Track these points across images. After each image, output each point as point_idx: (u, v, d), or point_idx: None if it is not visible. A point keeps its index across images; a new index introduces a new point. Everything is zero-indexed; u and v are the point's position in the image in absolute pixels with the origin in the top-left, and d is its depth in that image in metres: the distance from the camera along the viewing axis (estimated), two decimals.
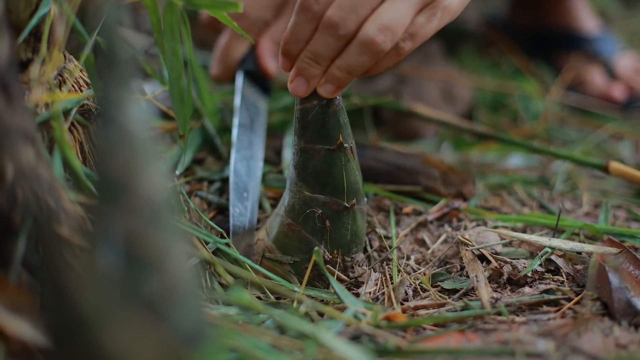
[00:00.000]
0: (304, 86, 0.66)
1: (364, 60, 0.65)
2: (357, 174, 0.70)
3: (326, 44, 0.64)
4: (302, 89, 0.66)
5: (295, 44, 0.66)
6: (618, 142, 1.16)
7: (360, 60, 0.65)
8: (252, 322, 0.56)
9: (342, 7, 0.63)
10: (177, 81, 0.69)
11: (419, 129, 1.12)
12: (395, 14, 0.64)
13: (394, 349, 0.55)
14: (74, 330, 0.36)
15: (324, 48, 0.65)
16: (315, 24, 0.65)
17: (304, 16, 0.65)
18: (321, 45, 0.65)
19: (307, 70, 0.66)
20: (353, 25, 0.64)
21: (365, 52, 0.64)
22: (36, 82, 0.58)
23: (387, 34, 0.63)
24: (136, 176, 0.39)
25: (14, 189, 0.49)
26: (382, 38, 0.63)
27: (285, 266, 0.70)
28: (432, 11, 0.67)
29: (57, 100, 0.60)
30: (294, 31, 0.66)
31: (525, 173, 1.01)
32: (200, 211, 0.74)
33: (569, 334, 0.57)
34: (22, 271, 0.50)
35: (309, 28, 0.65)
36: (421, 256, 0.75)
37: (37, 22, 0.58)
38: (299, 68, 0.66)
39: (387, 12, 0.64)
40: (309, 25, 0.65)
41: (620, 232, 0.76)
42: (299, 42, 0.66)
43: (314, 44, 0.65)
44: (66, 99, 0.61)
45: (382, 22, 0.63)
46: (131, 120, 0.40)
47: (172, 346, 0.36)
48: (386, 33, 0.63)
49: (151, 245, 0.37)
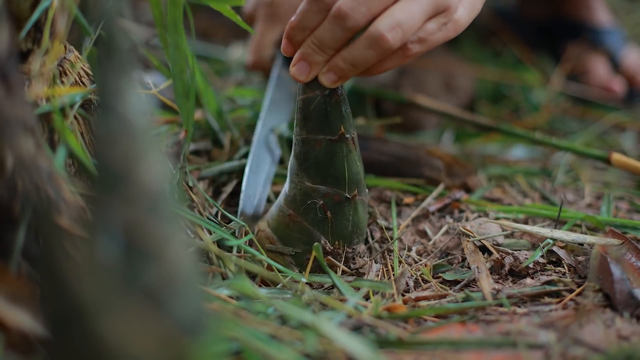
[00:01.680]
0: (306, 71, 0.66)
1: (370, 55, 0.64)
2: (358, 165, 0.70)
3: (332, 33, 0.64)
4: (304, 73, 0.66)
5: (301, 30, 0.66)
6: (620, 133, 1.16)
7: (366, 54, 0.64)
8: (253, 312, 0.56)
9: (355, 0, 0.63)
10: (180, 75, 0.69)
11: (421, 120, 1.12)
12: (408, 14, 0.64)
13: (395, 340, 0.55)
14: (73, 320, 0.36)
15: (329, 37, 0.64)
16: (325, 14, 0.65)
17: (315, 5, 0.65)
18: (327, 34, 0.64)
19: (311, 56, 0.66)
20: (362, 19, 0.63)
21: (373, 47, 0.64)
22: (36, 75, 0.58)
23: (398, 31, 0.63)
24: (136, 166, 0.38)
25: (14, 179, 0.49)
26: (393, 35, 0.63)
27: (287, 257, 0.70)
28: (443, 20, 0.67)
29: (59, 94, 0.59)
30: (302, 18, 0.66)
31: (527, 164, 1.01)
32: (204, 201, 0.74)
33: (571, 325, 0.57)
34: (22, 261, 0.50)
35: (318, 18, 0.65)
36: (422, 247, 0.75)
37: (40, 14, 0.57)
38: (303, 53, 0.66)
39: (400, 11, 0.64)
40: (318, 15, 0.65)
41: (622, 224, 0.76)
42: (305, 29, 0.66)
43: (320, 31, 0.65)
44: (68, 93, 0.61)
45: (394, 20, 0.63)
46: (131, 110, 0.40)
47: (171, 336, 0.36)
48: (397, 30, 0.63)
49: (151, 235, 0.37)
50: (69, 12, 0.61)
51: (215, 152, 0.89)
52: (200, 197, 0.75)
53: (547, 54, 1.36)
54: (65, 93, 0.60)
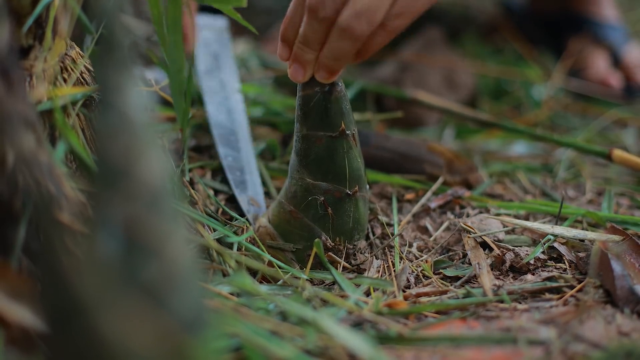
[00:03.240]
0: (301, 72, 0.67)
1: (346, 45, 0.65)
2: (359, 161, 0.70)
3: (312, 28, 0.65)
4: (299, 74, 0.67)
5: (290, 28, 0.68)
6: (622, 129, 1.16)
7: (342, 45, 0.65)
8: (253, 308, 0.56)
9: None
10: (178, 74, 0.69)
11: (422, 117, 1.12)
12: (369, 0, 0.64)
13: (396, 336, 0.55)
14: (73, 315, 0.36)
15: (310, 32, 0.66)
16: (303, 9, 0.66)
17: (296, 1, 0.67)
18: (308, 29, 0.66)
19: (302, 55, 0.67)
20: (330, 10, 0.64)
21: (344, 37, 0.65)
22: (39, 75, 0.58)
23: (362, 19, 0.64)
24: (136, 162, 0.38)
25: (15, 175, 0.49)
26: (358, 23, 0.64)
27: (287, 253, 0.70)
28: None
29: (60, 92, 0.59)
30: (290, 16, 0.67)
31: (528, 160, 1.01)
32: (205, 198, 0.74)
33: (571, 321, 0.57)
34: (22, 257, 0.50)
35: (300, 13, 0.67)
36: (423, 243, 0.75)
37: (41, 10, 0.57)
38: (294, 54, 0.67)
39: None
40: (300, 10, 0.67)
41: (623, 220, 0.76)
42: (294, 26, 0.67)
43: (303, 28, 0.66)
44: (70, 93, 0.61)
45: (355, 9, 0.64)
46: (131, 106, 0.40)
47: (171, 332, 0.36)
48: (361, 18, 0.64)
49: (151, 231, 0.37)
50: (71, 10, 0.61)
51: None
52: (201, 193, 0.75)
53: (550, 50, 1.36)
54: (68, 93, 0.60)
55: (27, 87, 0.58)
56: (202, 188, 0.76)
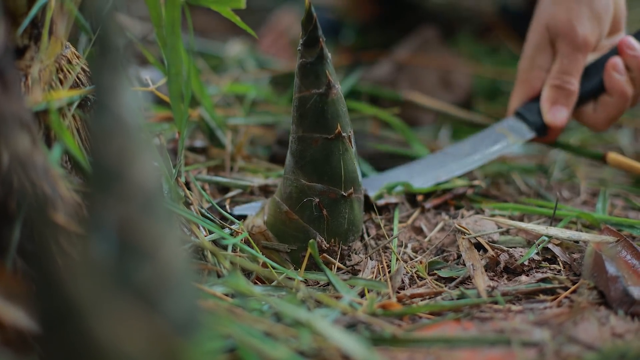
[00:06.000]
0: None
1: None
2: (354, 163, 0.70)
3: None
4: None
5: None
6: (617, 129, 1.16)
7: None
8: (248, 309, 0.56)
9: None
10: (176, 77, 0.69)
11: (418, 116, 1.12)
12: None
13: (390, 338, 0.55)
14: (67, 317, 0.36)
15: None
16: None
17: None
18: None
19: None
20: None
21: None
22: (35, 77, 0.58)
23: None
24: (130, 164, 0.38)
25: (10, 175, 0.49)
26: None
27: (282, 254, 0.70)
28: None
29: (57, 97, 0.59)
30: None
31: (523, 161, 1.01)
32: (200, 199, 0.74)
33: (565, 322, 0.57)
34: (17, 258, 0.50)
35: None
36: (418, 244, 0.75)
37: (37, 10, 0.57)
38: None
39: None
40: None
41: (617, 221, 0.76)
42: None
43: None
44: (66, 96, 0.61)
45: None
46: (125, 108, 0.40)
47: (164, 334, 0.36)
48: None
49: (144, 232, 0.37)
50: (68, 12, 0.61)
51: (213, 150, 0.89)
52: (196, 194, 0.75)
53: None
54: (64, 96, 0.60)
55: (22, 88, 0.58)
56: (197, 189, 0.76)
